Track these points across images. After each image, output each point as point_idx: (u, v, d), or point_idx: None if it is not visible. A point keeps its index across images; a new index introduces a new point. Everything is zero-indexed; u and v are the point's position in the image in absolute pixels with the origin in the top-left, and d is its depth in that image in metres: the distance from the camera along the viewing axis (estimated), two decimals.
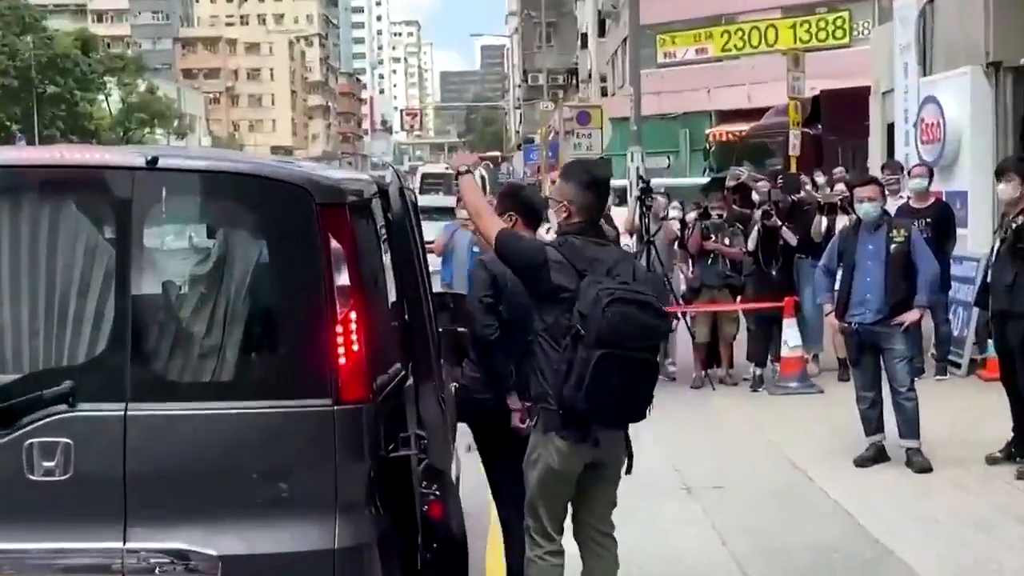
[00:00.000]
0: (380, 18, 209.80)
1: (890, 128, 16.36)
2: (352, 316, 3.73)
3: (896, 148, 15.45)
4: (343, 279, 3.73)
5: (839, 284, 8.32)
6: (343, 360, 3.71)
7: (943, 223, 10.92)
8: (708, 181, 17.37)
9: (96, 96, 68.28)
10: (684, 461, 8.46)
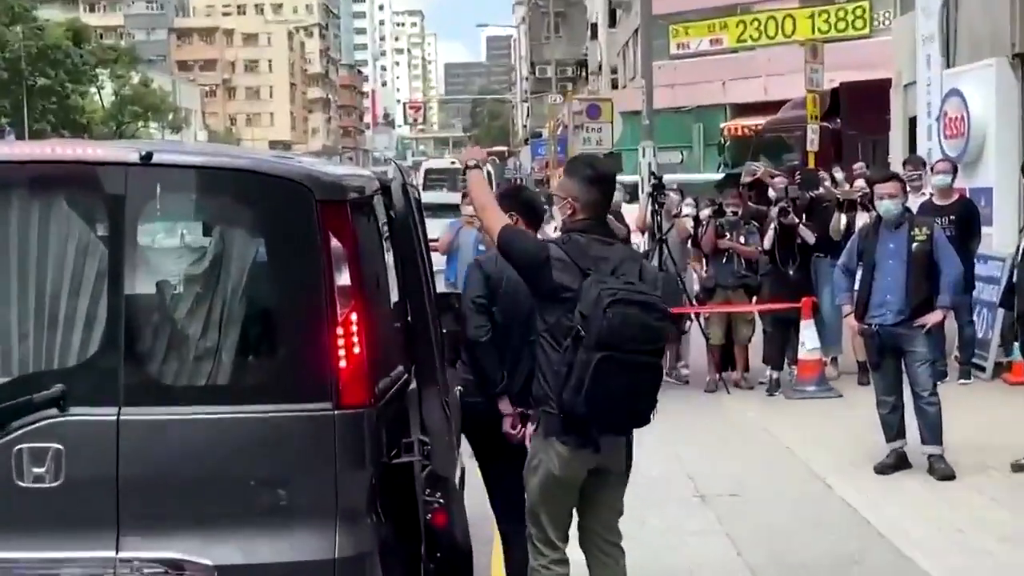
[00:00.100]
0: (382, 8, 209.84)
1: (912, 122, 16.36)
2: (353, 317, 3.73)
3: (918, 143, 15.46)
4: (344, 279, 3.73)
5: (859, 284, 8.31)
6: (344, 363, 3.71)
7: (967, 221, 10.91)
8: (723, 177, 17.40)
9: (88, 89, 68.38)
10: (698, 468, 8.46)
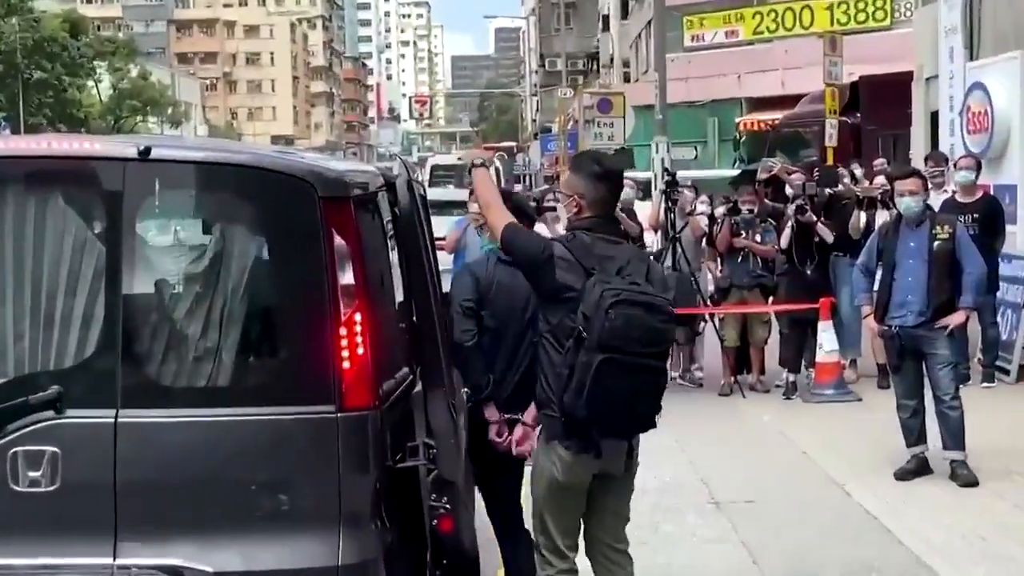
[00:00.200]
0: None
1: (934, 117, 16.32)
2: (357, 317, 3.74)
3: (940, 138, 15.41)
4: (347, 278, 3.74)
5: (878, 284, 8.29)
6: (347, 364, 3.72)
7: (991, 219, 10.88)
8: (738, 174, 17.40)
9: (85, 82, 68.51)
10: (712, 473, 8.45)
